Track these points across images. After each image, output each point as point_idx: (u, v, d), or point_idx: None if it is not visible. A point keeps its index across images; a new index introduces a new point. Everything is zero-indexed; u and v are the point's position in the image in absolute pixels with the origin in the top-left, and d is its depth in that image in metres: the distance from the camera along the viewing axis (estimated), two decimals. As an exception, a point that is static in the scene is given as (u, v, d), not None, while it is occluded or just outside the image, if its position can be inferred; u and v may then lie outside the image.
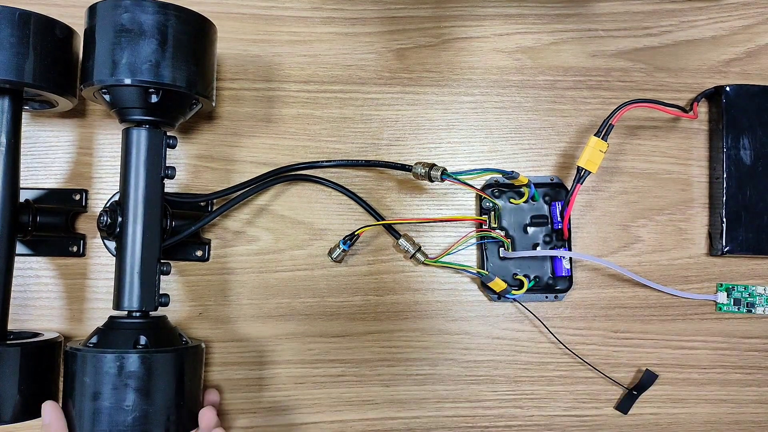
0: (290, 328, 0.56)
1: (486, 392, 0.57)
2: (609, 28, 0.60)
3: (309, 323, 0.56)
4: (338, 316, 0.56)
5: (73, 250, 0.55)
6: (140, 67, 0.45)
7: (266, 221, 0.57)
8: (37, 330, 0.53)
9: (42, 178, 0.56)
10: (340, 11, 0.59)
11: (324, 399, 0.56)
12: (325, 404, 0.56)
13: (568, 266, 0.56)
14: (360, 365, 0.56)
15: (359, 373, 0.56)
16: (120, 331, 0.47)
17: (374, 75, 0.58)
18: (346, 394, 0.56)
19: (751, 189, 0.57)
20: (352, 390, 0.56)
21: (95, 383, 0.44)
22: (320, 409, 0.56)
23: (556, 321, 0.57)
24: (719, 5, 0.61)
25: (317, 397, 0.56)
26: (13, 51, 0.45)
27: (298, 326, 0.56)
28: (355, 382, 0.56)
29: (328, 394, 0.56)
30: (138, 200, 0.48)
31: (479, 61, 0.59)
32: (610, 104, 0.58)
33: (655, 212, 0.59)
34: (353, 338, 0.56)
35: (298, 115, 0.58)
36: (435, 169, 0.52)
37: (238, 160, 0.57)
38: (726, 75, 0.60)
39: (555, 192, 0.57)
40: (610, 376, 0.57)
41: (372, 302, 0.56)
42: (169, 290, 0.55)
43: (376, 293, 0.57)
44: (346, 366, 0.56)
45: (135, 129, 0.48)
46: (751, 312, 0.58)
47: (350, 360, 0.56)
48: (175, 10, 0.47)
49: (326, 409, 0.56)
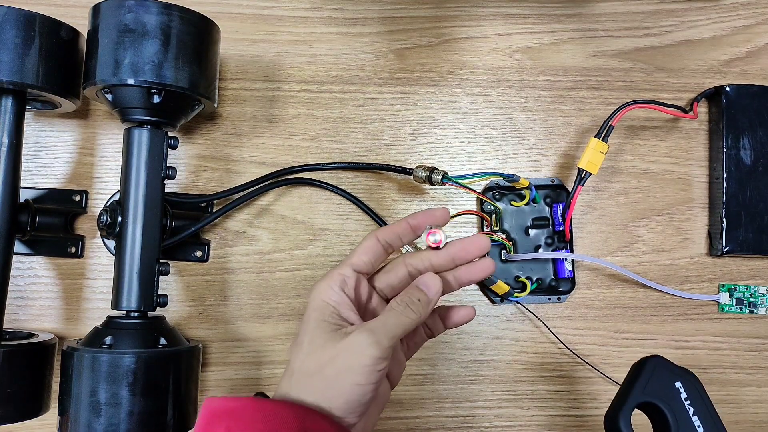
0: (290, 328, 0.56)
1: (486, 392, 0.57)
2: (609, 28, 0.60)
3: (309, 323, 0.56)
4: (338, 316, 0.56)
5: (72, 251, 0.55)
6: (143, 67, 0.45)
7: (266, 221, 0.57)
8: (35, 330, 0.53)
9: (42, 178, 0.55)
10: (340, 11, 0.59)
11: (324, 399, 0.56)
12: (325, 404, 0.56)
13: (570, 268, 0.56)
14: (360, 365, 0.56)
15: (359, 373, 0.56)
16: (118, 331, 0.47)
17: (374, 75, 0.58)
18: (346, 394, 0.56)
19: (751, 189, 0.57)
20: (353, 390, 0.56)
21: (91, 383, 0.44)
22: (320, 409, 0.56)
23: (556, 321, 0.57)
24: (719, 5, 0.61)
25: (317, 397, 0.56)
26: (17, 52, 0.45)
27: (298, 326, 0.56)
28: (355, 382, 0.56)
29: (328, 394, 0.56)
30: (138, 200, 0.48)
31: (479, 61, 0.59)
32: (610, 104, 0.58)
33: (655, 212, 0.59)
34: (353, 338, 0.56)
35: (299, 115, 0.58)
36: (436, 172, 0.52)
37: (239, 160, 0.57)
38: (726, 75, 0.60)
39: (556, 194, 0.57)
40: (610, 376, 0.57)
41: (372, 302, 0.56)
42: (169, 290, 0.55)
43: (376, 293, 0.57)
44: (347, 366, 0.56)
45: (137, 129, 0.48)
46: (753, 312, 0.58)
47: (350, 360, 0.56)
48: (179, 10, 0.47)
49: (326, 410, 0.56)
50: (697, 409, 0.40)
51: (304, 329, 0.39)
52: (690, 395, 0.40)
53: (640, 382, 0.40)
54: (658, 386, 0.40)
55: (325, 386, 0.36)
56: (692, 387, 0.40)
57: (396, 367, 0.43)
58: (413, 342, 0.44)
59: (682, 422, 0.39)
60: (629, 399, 0.40)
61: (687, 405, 0.40)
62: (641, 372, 0.41)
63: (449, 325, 0.44)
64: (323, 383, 0.36)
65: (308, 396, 0.36)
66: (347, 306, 0.39)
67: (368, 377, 0.35)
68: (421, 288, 0.39)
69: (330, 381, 0.36)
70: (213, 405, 0.36)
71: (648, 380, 0.40)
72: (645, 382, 0.40)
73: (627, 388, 0.40)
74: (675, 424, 0.39)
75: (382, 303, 0.42)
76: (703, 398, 0.40)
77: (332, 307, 0.39)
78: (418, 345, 0.45)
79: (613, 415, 0.40)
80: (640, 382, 0.40)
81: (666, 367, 0.41)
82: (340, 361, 0.36)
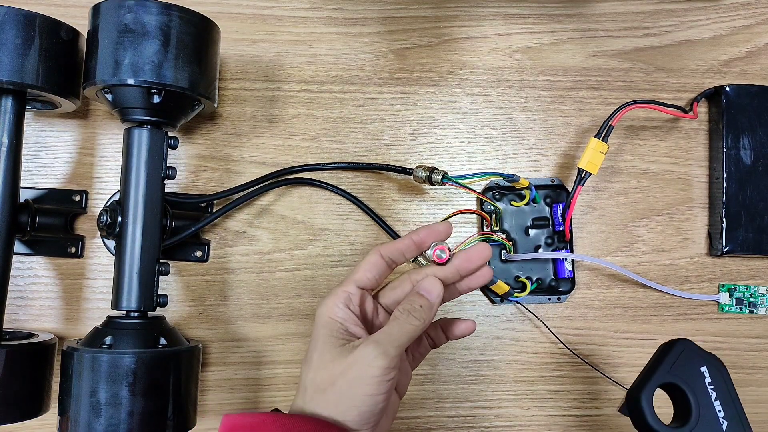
0: (290, 328, 0.56)
1: (486, 392, 0.57)
2: (609, 28, 0.60)
3: (309, 323, 0.56)
4: (338, 316, 0.56)
5: (71, 251, 0.55)
6: (143, 67, 0.45)
7: (266, 221, 0.57)
8: (35, 330, 0.53)
9: (42, 178, 0.55)
10: (340, 11, 0.59)
11: (324, 399, 0.56)
12: (325, 404, 0.56)
13: (570, 268, 0.56)
14: (360, 365, 0.56)
15: (359, 373, 0.56)
16: (118, 331, 0.47)
17: (374, 75, 0.58)
18: (346, 394, 0.56)
19: (751, 189, 0.57)
20: (353, 390, 0.56)
21: (92, 383, 0.44)
22: (320, 409, 0.56)
23: (557, 321, 0.57)
24: (719, 5, 0.61)
25: (317, 397, 0.56)
26: (17, 52, 0.45)
27: (298, 326, 0.56)
28: (355, 382, 0.56)
29: (328, 394, 0.56)
30: (138, 200, 0.48)
31: (479, 61, 0.59)
32: (610, 104, 0.58)
33: (655, 212, 0.59)
34: (353, 338, 0.56)
35: (299, 115, 0.58)
36: (436, 173, 0.52)
37: (239, 160, 0.57)
38: (726, 75, 0.60)
39: (556, 194, 0.57)
40: (610, 376, 0.57)
41: (372, 302, 0.56)
42: (169, 290, 0.55)
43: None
44: (347, 366, 0.56)
45: (137, 129, 0.48)
46: (753, 312, 0.58)
47: (350, 360, 0.56)
48: (179, 10, 0.47)
49: (326, 410, 0.56)
50: (720, 394, 0.40)
51: (313, 346, 0.39)
52: (714, 380, 0.40)
53: (666, 363, 0.40)
54: (683, 368, 0.40)
55: (338, 400, 0.37)
56: (717, 373, 0.41)
57: (403, 377, 0.44)
58: (418, 352, 0.45)
59: (704, 406, 0.40)
60: (653, 378, 0.40)
61: (710, 389, 0.40)
62: (669, 353, 0.41)
63: (451, 336, 0.45)
64: (336, 397, 0.37)
65: (322, 410, 0.37)
66: (353, 322, 0.40)
67: (378, 387, 0.36)
68: (422, 293, 0.40)
69: (342, 394, 0.37)
70: (232, 421, 0.37)
71: (674, 362, 0.41)
72: (671, 363, 0.40)
73: (653, 367, 0.41)
74: (696, 407, 0.40)
75: (388, 318, 0.42)
76: (727, 385, 0.40)
77: (339, 323, 0.39)
78: (423, 355, 0.45)
79: (636, 392, 0.40)
80: (666, 362, 0.41)
81: (694, 350, 0.41)
82: (350, 375, 0.36)
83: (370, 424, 0.37)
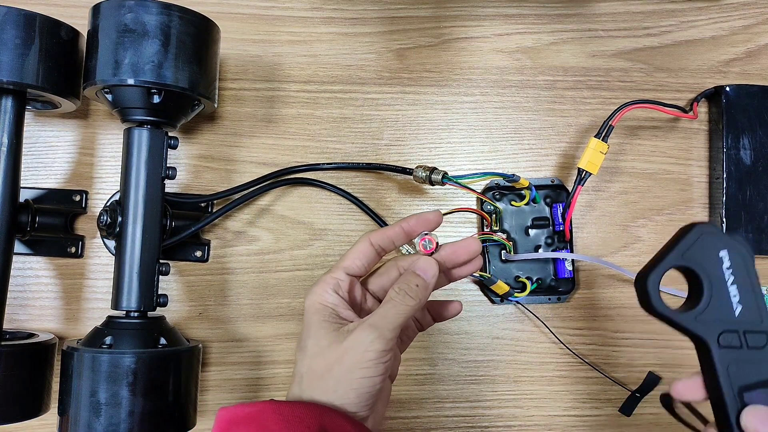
0: (290, 328, 0.56)
1: (486, 392, 0.57)
2: (609, 28, 0.60)
3: (309, 323, 0.56)
4: (338, 316, 0.56)
5: (71, 251, 0.55)
6: (143, 67, 0.45)
7: (266, 221, 0.57)
8: (35, 330, 0.53)
9: (42, 178, 0.55)
10: (340, 11, 0.59)
11: (324, 399, 0.56)
12: (325, 404, 0.56)
13: (570, 268, 0.56)
14: (360, 365, 0.56)
15: (359, 373, 0.56)
16: (118, 331, 0.47)
17: (374, 75, 0.58)
18: (346, 394, 0.56)
19: (751, 189, 0.57)
20: (353, 390, 0.56)
21: (91, 383, 0.44)
22: (320, 409, 0.56)
23: (556, 321, 0.57)
24: (719, 5, 0.61)
25: (317, 397, 0.56)
26: (17, 52, 0.45)
27: (298, 326, 0.56)
28: (355, 382, 0.56)
29: (328, 394, 0.56)
30: (138, 200, 0.48)
31: (479, 61, 0.59)
32: (610, 104, 0.58)
33: (655, 212, 0.59)
34: (353, 338, 0.56)
35: (299, 115, 0.58)
36: (436, 172, 0.52)
37: (239, 160, 0.57)
38: (726, 75, 0.60)
39: (556, 194, 0.57)
40: (610, 376, 0.57)
41: (372, 302, 0.56)
42: (169, 290, 0.55)
43: (376, 293, 0.57)
44: (347, 366, 0.56)
45: (137, 129, 0.48)
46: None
47: (350, 360, 0.56)
48: (179, 10, 0.47)
49: (326, 410, 0.56)
50: (739, 279, 0.37)
51: (306, 334, 0.39)
52: (735, 265, 0.37)
53: (680, 247, 0.37)
54: (699, 252, 0.37)
55: (336, 384, 0.37)
56: (740, 259, 0.37)
57: (394, 361, 0.44)
58: (406, 335, 0.45)
59: (717, 289, 0.37)
60: (664, 261, 0.37)
61: (728, 274, 0.37)
62: (684, 236, 0.37)
63: (438, 318, 0.45)
64: (334, 381, 0.37)
65: (321, 396, 0.37)
66: (344, 306, 0.40)
67: (376, 369, 0.37)
68: (417, 273, 0.40)
69: (340, 378, 0.37)
70: (229, 413, 0.37)
71: (690, 246, 0.37)
72: (686, 247, 0.37)
73: (665, 250, 0.38)
74: (708, 290, 0.37)
75: (376, 304, 0.43)
76: (749, 272, 0.37)
77: (330, 308, 0.40)
78: (411, 338, 0.46)
79: (643, 276, 0.37)
80: (680, 246, 0.37)
81: (714, 234, 0.37)
82: (347, 359, 0.37)
83: (368, 405, 0.38)
